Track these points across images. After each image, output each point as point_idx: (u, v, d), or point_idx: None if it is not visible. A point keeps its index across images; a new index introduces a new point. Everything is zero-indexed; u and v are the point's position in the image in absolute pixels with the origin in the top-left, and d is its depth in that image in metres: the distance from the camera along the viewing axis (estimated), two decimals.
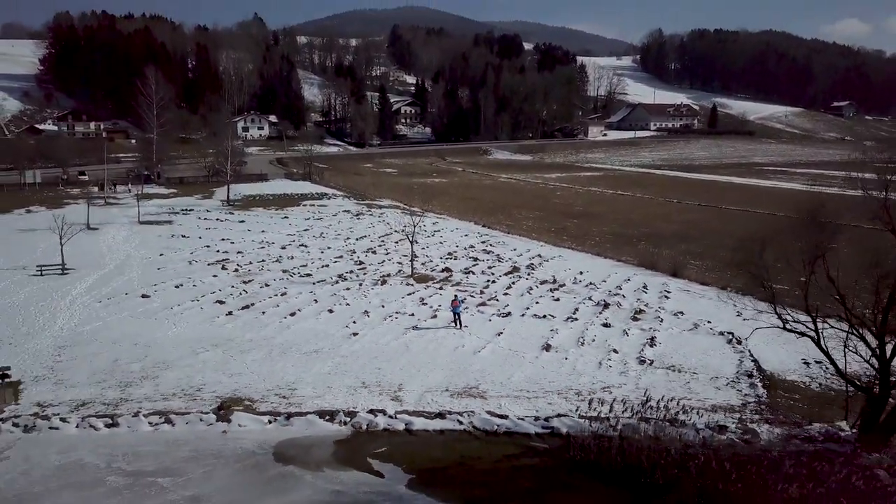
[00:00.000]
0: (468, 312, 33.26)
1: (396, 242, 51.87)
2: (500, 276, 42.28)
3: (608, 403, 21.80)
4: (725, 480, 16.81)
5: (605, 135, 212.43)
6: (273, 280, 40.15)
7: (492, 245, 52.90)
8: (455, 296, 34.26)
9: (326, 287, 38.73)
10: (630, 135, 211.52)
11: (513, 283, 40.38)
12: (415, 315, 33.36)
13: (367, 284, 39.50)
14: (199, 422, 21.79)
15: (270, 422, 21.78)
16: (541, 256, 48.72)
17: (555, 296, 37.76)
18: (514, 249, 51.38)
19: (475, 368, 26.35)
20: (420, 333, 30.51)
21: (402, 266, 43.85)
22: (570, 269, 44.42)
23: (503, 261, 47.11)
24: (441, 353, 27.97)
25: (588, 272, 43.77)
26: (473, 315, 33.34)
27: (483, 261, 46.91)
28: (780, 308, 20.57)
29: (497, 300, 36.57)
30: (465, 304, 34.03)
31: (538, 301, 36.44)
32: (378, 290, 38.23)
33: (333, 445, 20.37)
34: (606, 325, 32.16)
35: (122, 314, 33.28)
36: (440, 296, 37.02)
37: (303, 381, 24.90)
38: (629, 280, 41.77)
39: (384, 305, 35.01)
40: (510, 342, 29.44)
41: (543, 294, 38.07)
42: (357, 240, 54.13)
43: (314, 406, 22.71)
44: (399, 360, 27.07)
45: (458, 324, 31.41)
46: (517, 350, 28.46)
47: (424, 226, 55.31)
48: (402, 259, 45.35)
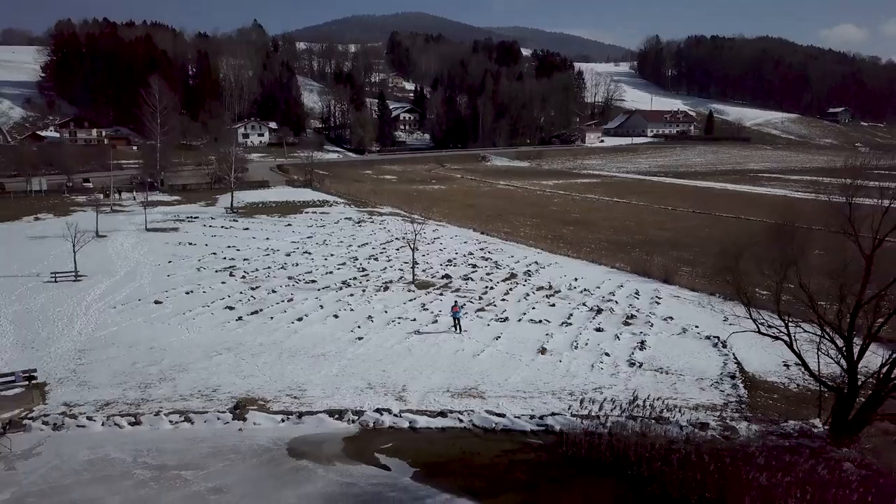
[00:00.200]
0: (467, 317, 34.84)
1: (398, 249, 53.40)
2: (498, 283, 43.81)
3: (599, 403, 23.37)
4: (704, 472, 18.36)
5: (603, 141, 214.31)
6: (280, 286, 41.66)
7: (490, 252, 54.44)
8: (455, 301, 35.91)
9: (331, 293, 40.26)
10: (627, 141, 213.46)
11: (510, 290, 41.92)
12: (416, 320, 34.92)
13: (371, 291, 41.02)
14: (217, 420, 23.35)
15: (283, 420, 23.34)
16: (537, 263, 50.26)
17: (550, 301, 39.31)
18: (512, 256, 52.92)
19: (474, 370, 27.91)
20: (422, 338, 32.09)
21: (404, 273, 45.38)
22: (566, 276, 45.97)
23: (501, 267, 48.66)
24: (442, 356, 29.53)
25: (583, 279, 45.32)
26: (473, 320, 34.89)
27: (482, 267, 48.44)
28: (757, 313, 22.16)
29: (495, 306, 38.12)
30: (465, 310, 35.61)
31: (534, 307, 37.99)
32: (381, 296, 39.76)
33: (343, 442, 21.94)
34: (599, 330, 33.73)
35: (137, 319, 34.80)
36: (440, 301, 38.57)
37: (312, 383, 26.43)
38: (622, 286, 43.34)
39: (387, 311, 36.55)
40: (507, 346, 31.02)
41: (539, 300, 39.62)
42: (359, 247, 55.64)
43: (324, 405, 24.26)
44: (402, 363, 28.63)
45: (458, 328, 32.96)
46: (514, 353, 30.03)
47: (425, 233, 56.80)
48: (404, 266, 46.86)
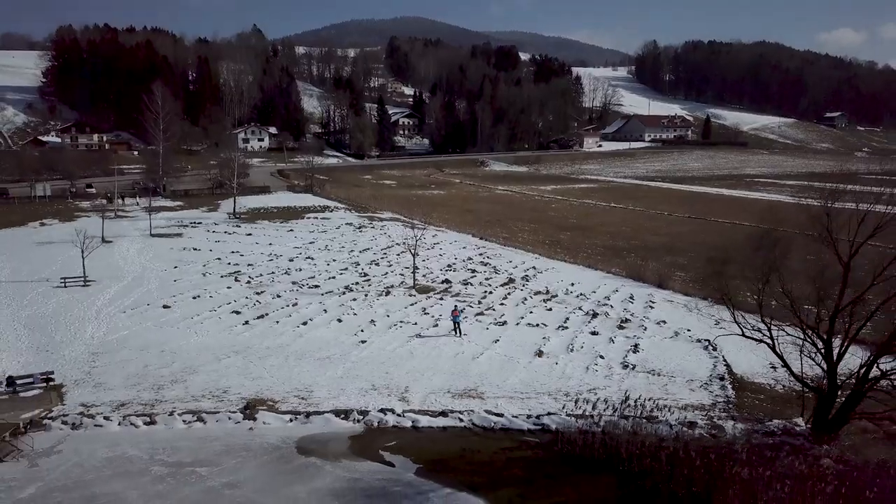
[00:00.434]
0: (467, 321, 35.97)
1: (398, 255, 54.53)
2: (497, 287, 44.94)
3: (593, 403, 24.60)
4: (691, 467, 19.50)
5: (601, 146, 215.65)
6: (284, 291, 42.75)
7: (489, 257, 55.57)
8: (455, 306, 37.02)
9: (334, 298, 41.36)
10: (625, 146, 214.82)
11: (508, 294, 43.06)
12: (418, 324, 36.07)
13: (373, 295, 42.13)
14: (228, 420, 24.48)
15: (292, 420, 24.47)
16: (535, 268, 51.40)
17: (547, 306, 40.45)
18: (510, 261, 54.06)
19: (474, 372, 29.06)
20: (423, 341, 33.23)
21: (405, 278, 46.50)
22: (563, 281, 47.10)
23: (500, 272, 49.79)
24: (443, 359, 30.68)
25: (579, 283, 46.47)
26: (472, 324, 36.04)
27: (481, 272, 49.58)
28: (745, 317, 23.34)
29: (494, 310, 39.27)
30: (465, 314, 36.74)
31: (532, 311, 39.14)
32: (383, 301, 40.88)
33: (349, 440, 23.08)
34: (594, 333, 34.87)
35: (147, 323, 35.90)
36: (441, 306, 39.71)
37: (318, 384, 27.56)
38: (617, 291, 44.50)
39: (389, 315, 37.68)
40: (506, 349, 32.18)
41: (537, 304, 40.77)
42: (361, 252, 56.75)
43: (330, 406, 25.39)
44: (405, 365, 29.77)
45: (458, 332, 34.10)
46: (512, 356, 31.19)
47: (424, 238, 57.92)
48: (405, 271, 47.99)
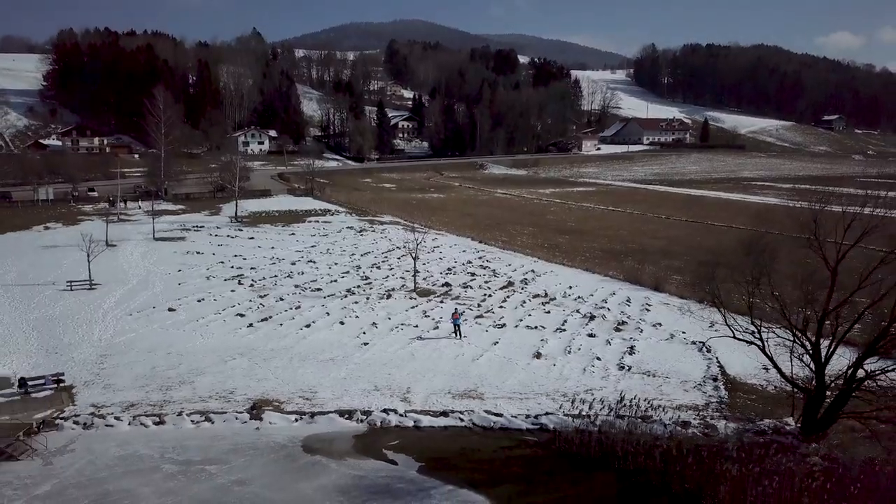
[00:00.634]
0: (467, 324, 36.69)
1: (399, 258, 55.26)
2: (496, 291, 45.67)
3: (589, 403, 25.30)
4: (684, 465, 20.24)
5: (599, 149, 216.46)
6: (287, 294, 43.48)
7: (488, 261, 56.30)
8: (455, 309, 37.78)
9: (336, 301, 42.08)
10: (623, 149, 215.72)
11: (508, 297, 43.80)
12: (419, 326, 36.80)
13: (374, 298, 42.86)
14: (235, 420, 25.22)
15: (297, 420, 25.21)
16: (534, 272, 52.16)
17: (546, 308, 41.20)
18: (510, 265, 54.81)
19: (474, 374, 29.80)
20: (424, 343, 33.97)
21: (406, 281, 47.23)
22: (561, 284, 47.85)
23: (499, 276, 50.53)
24: (443, 361, 31.43)
25: (577, 286, 47.21)
26: (472, 326, 36.78)
27: (480, 276, 50.31)
28: (732, 319, 24.08)
29: (493, 312, 40.00)
30: (465, 317, 37.43)
31: (531, 313, 39.88)
32: (384, 304, 41.61)
33: (353, 439, 23.82)
34: (591, 336, 35.62)
35: (153, 326, 36.62)
36: (441, 309, 40.43)
37: (322, 385, 28.29)
38: (614, 294, 45.25)
39: (390, 318, 38.41)
40: (505, 350, 32.94)
41: (535, 307, 41.51)
42: (362, 255, 57.47)
43: (334, 406, 26.13)
44: (406, 367, 30.51)
45: (458, 334, 34.85)
46: (511, 357, 31.94)
47: (425, 242, 58.56)
48: (405, 274, 48.69)
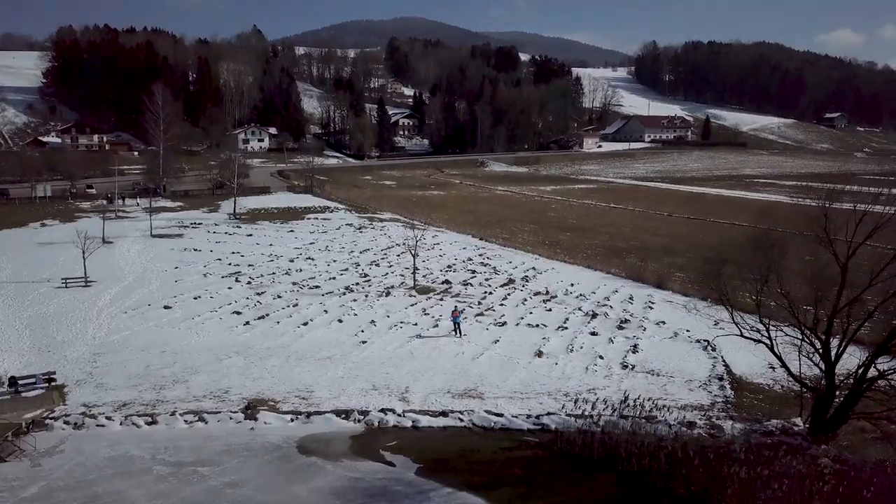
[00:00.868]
0: (467, 322, 36.08)
1: (398, 255, 54.66)
2: (497, 288, 45.07)
3: (592, 403, 24.68)
4: (690, 467, 19.64)
5: (600, 146, 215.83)
6: (285, 292, 42.88)
7: (489, 258, 55.70)
8: (455, 306, 37.15)
9: (335, 298, 41.48)
10: (624, 146, 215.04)
11: (508, 295, 43.19)
12: (418, 324, 36.20)
13: (373, 296, 42.26)
14: (230, 420, 24.61)
15: (293, 420, 24.61)
16: (535, 269, 51.53)
17: (547, 306, 40.58)
18: (510, 262, 54.19)
19: (474, 373, 29.18)
20: (423, 341, 33.37)
21: (405, 278, 46.63)
22: (563, 281, 47.22)
23: (499, 273, 49.92)
24: (443, 359, 30.80)
25: (579, 284, 46.59)
26: (472, 324, 36.15)
27: (480, 273, 49.71)
28: (745, 317, 23.46)
29: (494, 310, 39.39)
30: (465, 315, 36.85)
31: (532, 311, 39.27)
32: (383, 301, 41.01)
33: (350, 440, 23.21)
34: (594, 334, 35.00)
35: (148, 324, 36.03)
36: (441, 306, 39.83)
37: (319, 385, 27.68)
38: (617, 291, 44.62)
39: (389, 315, 37.81)
40: (506, 349, 32.31)
41: (537, 305, 40.89)
42: (361, 253, 56.88)
43: (331, 406, 25.52)
44: (405, 366, 29.89)
45: (458, 332, 34.23)
46: (512, 356, 31.32)
47: (424, 239, 58.04)
48: (405, 271, 48.10)
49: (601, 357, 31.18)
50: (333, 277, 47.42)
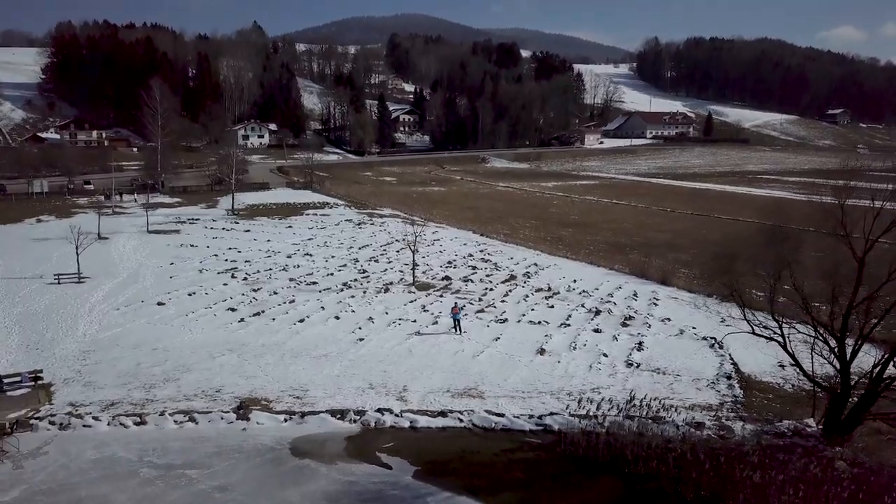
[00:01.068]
0: (467, 319, 35.20)
1: (398, 251, 53.79)
2: (498, 284, 44.18)
3: (597, 403, 23.80)
4: (699, 471, 18.76)
5: (602, 143, 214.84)
6: (281, 288, 42.02)
7: (490, 254, 54.82)
8: (455, 303, 36.26)
9: (332, 295, 40.62)
10: (626, 143, 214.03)
11: (510, 291, 42.30)
12: (417, 321, 35.30)
13: (371, 292, 41.39)
14: (221, 420, 23.74)
15: (286, 420, 23.72)
16: (537, 265, 50.64)
17: (549, 303, 39.68)
18: (512, 258, 53.29)
19: (474, 371, 28.29)
20: (422, 339, 32.47)
21: (404, 274, 45.76)
22: (565, 278, 46.34)
23: (500, 269, 49.03)
24: (442, 357, 29.90)
25: (581, 280, 45.70)
26: (472, 321, 35.26)
27: (481, 269, 48.81)
28: (754, 314, 22.55)
29: (495, 307, 38.50)
30: (465, 311, 35.97)
31: (534, 308, 38.37)
32: (381, 298, 40.13)
33: (345, 441, 22.32)
34: (597, 331, 34.11)
35: (140, 321, 35.17)
36: (441, 303, 38.94)
37: (314, 383, 26.81)
38: (620, 288, 43.73)
39: (388, 312, 36.92)
40: (507, 347, 31.40)
41: (539, 301, 40.00)
42: (360, 249, 56.01)
43: (326, 406, 24.64)
44: (403, 364, 29.00)
45: (458, 329, 33.34)
46: (513, 354, 30.41)
47: (424, 235, 57.18)
48: (404, 268, 47.24)
49: (605, 355, 30.29)
50: (331, 273, 46.55)
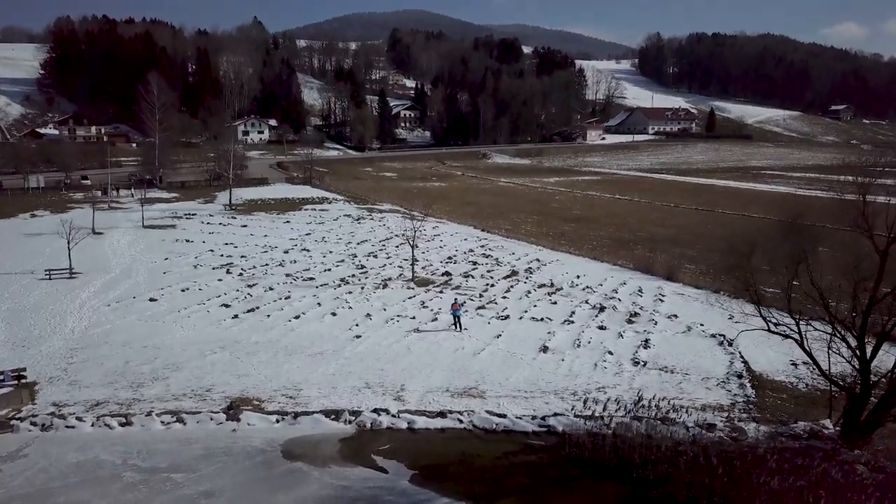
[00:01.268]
0: (468, 315, 34.17)
1: (397, 246, 52.78)
2: (499, 280, 43.15)
3: (602, 403, 22.73)
4: (712, 475, 17.70)
5: (604, 139, 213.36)
6: (277, 284, 41.02)
7: (491, 249, 53.78)
8: (455, 299, 35.27)
9: (329, 290, 39.61)
10: (628, 138, 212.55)
11: (511, 287, 41.27)
12: (416, 318, 34.25)
13: (369, 288, 40.38)
14: (210, 421, 22.70)
15: (278, 421, 22.68)
16: (539, 260, 49.60)
17: (552, 299, 38.65)
18: (513, 254, 52.25)
19: (475, 369, 27.25)
20: (421, 336, 31.44)
21: (403, 270, 44.73)
22: (568, 273, 45.30)
23: (502, 265, 47.99)
24: (442, 355, 28.86)
25: (585, 276, 44.66)
26: (473, 318, 34.22)
27: (482, 265, 47.79)
28: (766, 311, 21.49)
29: (496, 303, 37.46)
30: (465, 308, 34.97)
31: (536, 304, 37.34)
32: (380, 294, 39.11)
33: (339, 443, 21.27)
34: (602, 328, 33.06)
35: (131, 317, 34.16)
36: (440, 299, 37.91)
37: (308, 382, 25.78)
38: (625, 284, 42.67)
39: (386, 309, 35.90)
40: (508, 344, 30.35)
41: (541, 297, 38.96)
42: (358, 244, 55.00)
43: (320, 406, 23.60)
44: (401, 362, 27.97)
45: (458, 326, 32.31)
46: (515, 352, 29.36)
47: (424, 230, 56.15)
48: (403, 263, 46.22)
49: (610, 353, 29.24)
50: (329, 269, 45.53)
